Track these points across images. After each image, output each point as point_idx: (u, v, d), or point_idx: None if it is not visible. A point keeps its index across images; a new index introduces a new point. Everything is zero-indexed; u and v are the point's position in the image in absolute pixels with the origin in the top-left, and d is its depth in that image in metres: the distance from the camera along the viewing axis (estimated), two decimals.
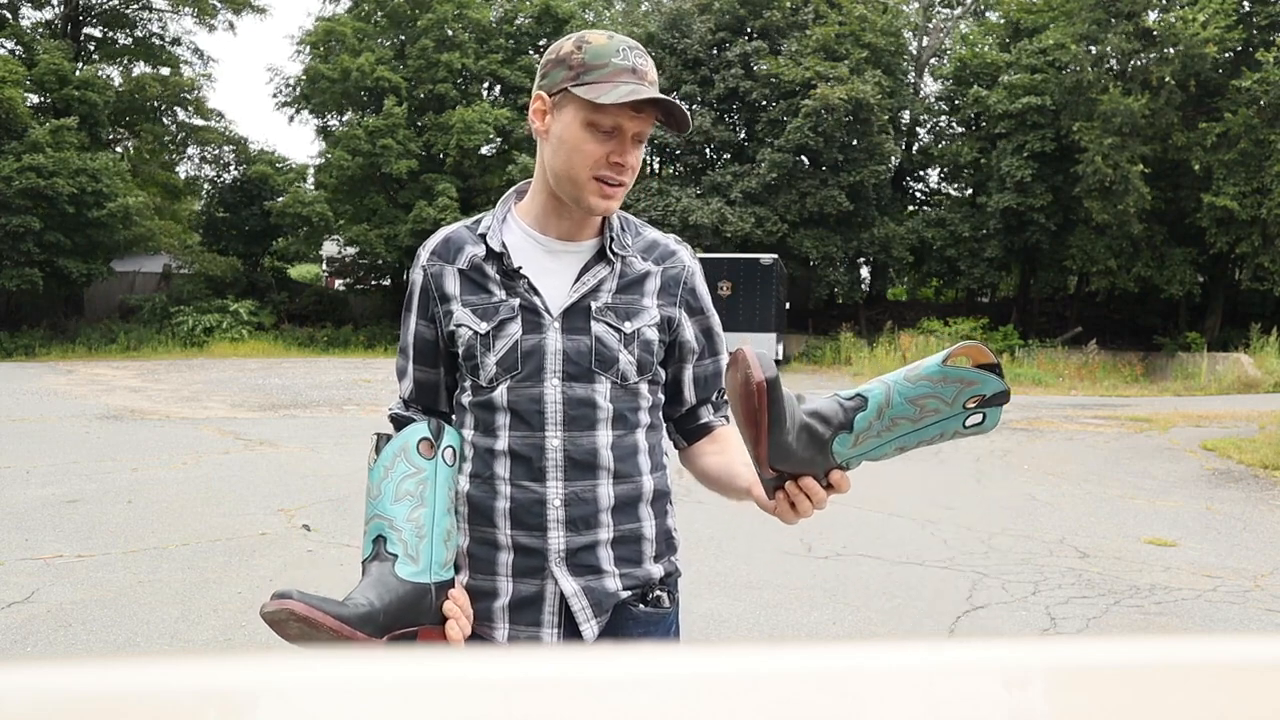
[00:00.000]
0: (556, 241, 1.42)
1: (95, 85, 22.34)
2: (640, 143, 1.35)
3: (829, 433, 1.16)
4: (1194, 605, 4.31)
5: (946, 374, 1.11)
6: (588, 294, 1.39)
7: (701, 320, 1.48)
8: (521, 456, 1.37)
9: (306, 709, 0.44)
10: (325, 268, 30.23)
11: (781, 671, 0.46)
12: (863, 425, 1.15)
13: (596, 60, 1.31)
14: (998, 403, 1.14)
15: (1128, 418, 11.65)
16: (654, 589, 1.43)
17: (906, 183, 26.98)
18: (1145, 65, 20.33)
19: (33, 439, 8.61)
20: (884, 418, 1.15)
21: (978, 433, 1.16)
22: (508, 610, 1.39)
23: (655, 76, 1.35)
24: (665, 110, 1.32)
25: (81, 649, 3.62)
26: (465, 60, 24.96)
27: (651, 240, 1.47)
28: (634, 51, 1.33)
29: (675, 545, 1.49)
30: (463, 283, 1.42)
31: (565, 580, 1.37)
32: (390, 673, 0.45)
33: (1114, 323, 23.63)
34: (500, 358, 1.37)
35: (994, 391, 1.13)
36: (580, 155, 1.32)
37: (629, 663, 0.49)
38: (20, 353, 20.32)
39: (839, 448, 1.17)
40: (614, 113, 1.30)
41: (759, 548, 5.14)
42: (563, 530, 1.37)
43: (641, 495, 1.42)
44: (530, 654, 0.49)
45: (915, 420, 1.14)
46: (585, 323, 1.38)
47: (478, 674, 0.46)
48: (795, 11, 23.08)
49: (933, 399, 1.12)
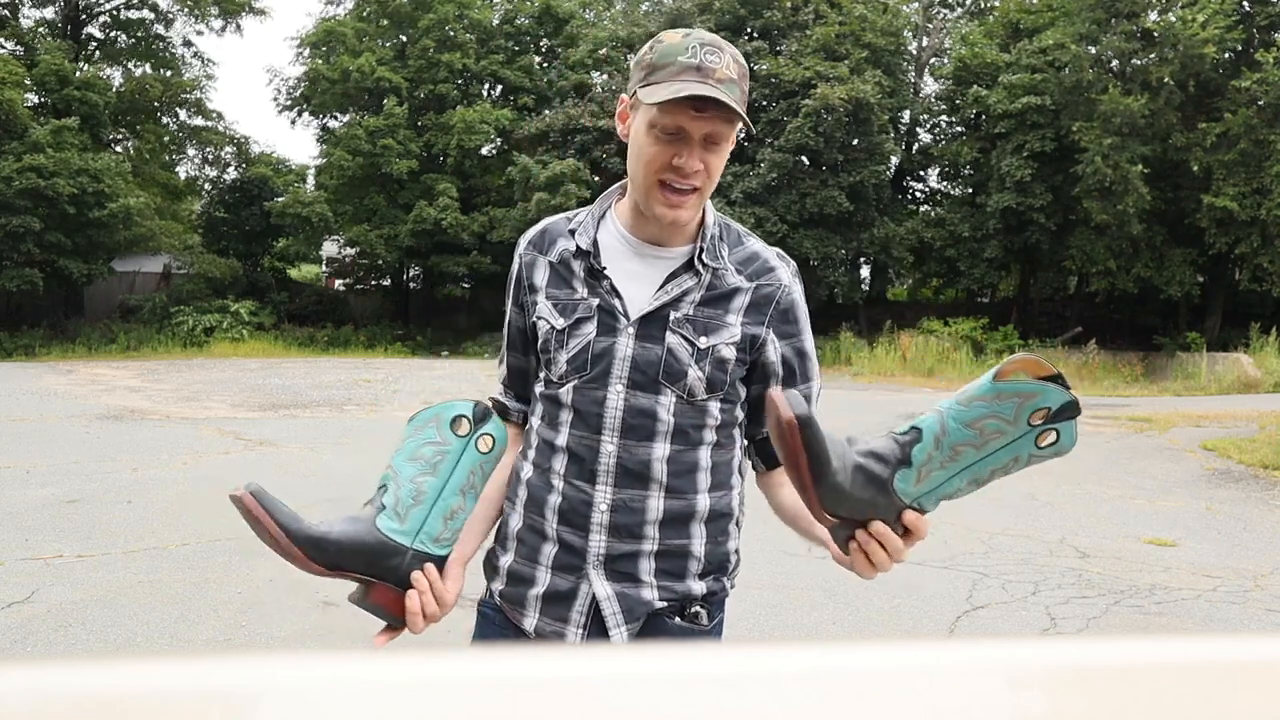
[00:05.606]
0: (647, 245, 1.38)
1: (96, 86, 22.33)
2: (713, 146, 1.28)
3: (887, 471, 1.08)
4: (1194, 605, 4.31)
5: (1000, 390, 1.03)
6: (669, 303, 1.35)
7: (794, 342, 1.42)
8: (577, 456, 1.36)
9: (307, 709, 0.44)
10: (325, 268, 30.22)
11: (781, 671, 0.46)
12: (921, 458, 1.07)
13: (663, 60, 1.26)
14: (1068, 416, 1.04)
15: (1128, 418, 11.65)
16: (693, 605, 1.39)
17: (906, 183, 26.97)
18: (1145, 65, 20.32)
19: (33, 439, 8.61)
20: (943, 447, 1.07)
21: (1056, 454, 1.07)
22: (541, 600, 1.39)
23: (734, 74, 1.26)
24: (720, 105, 1.24)
25: (81, 649, 3.62)
26: (466, 60, 24.96)
27: (752, 253, 1.41)
28: (706, 48, 1.25)
29: (729, 568, 1.45)
30: (551, 275, 1.41)
31: (600, 583, 1.36)
32: (391, 673, 0.45)
33: (1114, 323, 23.62)
34: (571, 356, 1.37)
35: (1060, 404, 1.03)
36: (644, 159, 1.29)
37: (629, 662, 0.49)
38: (20, 353, 20.32)
39: (901, 485, 1.09)
40: (674, 113, 1.24)
41: (759, 548, 5.14)
42: (605, 535, 1.36)
43: (695, 513, 1.38)
44: (530, 654, 0.49)
45: (980, 446, 1.06)
46: (661, 332, 1.35)
47: (478, 674, 0.46)
48: (795, 11, 23.07)
49: (992, 419, 1.04)
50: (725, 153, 1.32)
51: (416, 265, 26.08)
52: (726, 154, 1.32)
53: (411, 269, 26.93)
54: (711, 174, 1.31)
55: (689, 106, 1.24)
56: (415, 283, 27.60)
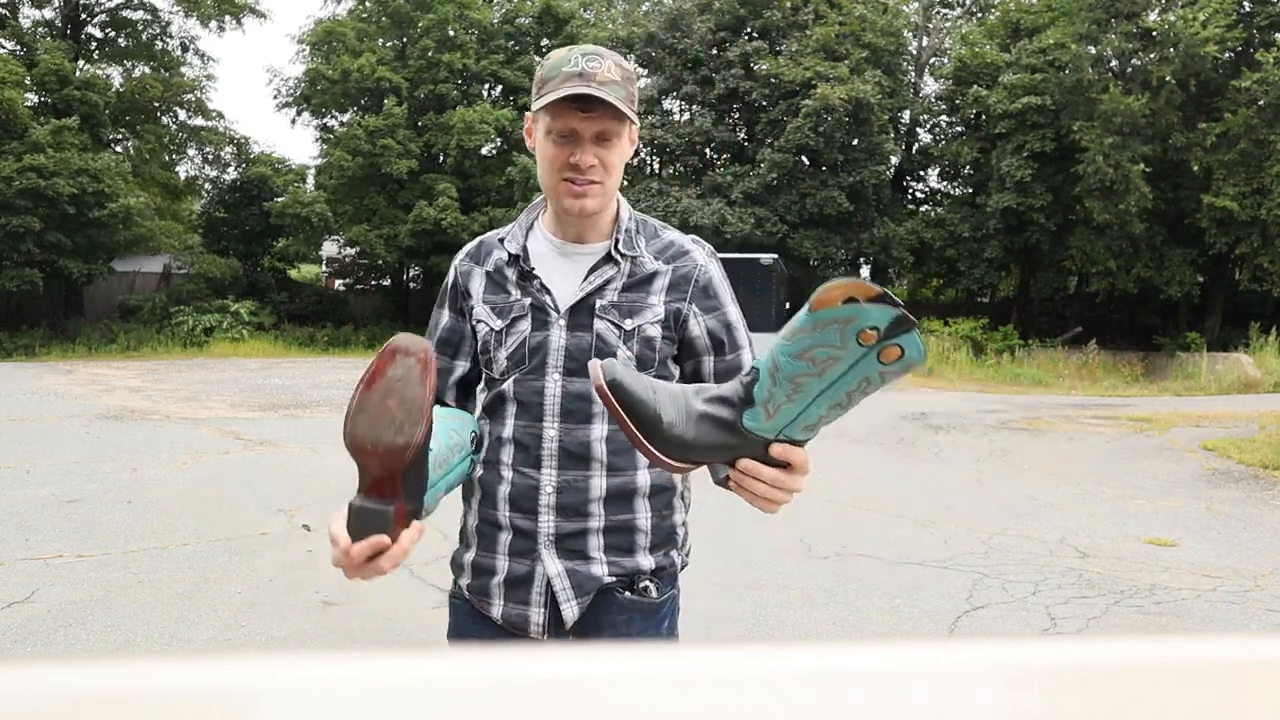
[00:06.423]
0: (570, 244, 1.49)
1: (96, 86, 22.32)
2: (605, 142, 1.39)
3: (733, 413, 1.12)
4: (1194, 605, 4.31)
5: (817, 320, 1.03)
6: (593, 293, 1.45)
7: (718, 315, 1.50)
8: (523, 444, 1.45)
9: (307, 709, 0.44)
10: (325, 268, 30.22)
11: (781, 671, 0.46)
12: (763, 395, 1.10)
13: (550, 73, 1.38)
14: (902, 330, 1.02)
15: (1128, 418, 11.65)
16: (642, 579, 1.48)
17: (906, 183, 26.97)
18: (1145, 65, 20.33)
19: (33, 439, 8.61)
20: (781, 382, 1.08)
21: (906, 368, 1.05)
22: (503, 587, 1.48)
23: (616, 76, 1.37)
24: (604, 104, 1.34)
25: (81, 649, 3.62)
26: (466, 61, 24.96)
27: (667, 241, 1.52)
28: (587, 56, 1.36)
29: (678, 541, 1.54)
30: (487, 283, 1.52)
31: (551, 562, 1.45)
32: (391, 673, 0.45)
33: (1114, 323, 23.63)
34: (510, 352, 1.47)
35: (887, 321, 1.01)
36: (546, 162, 1.41)
37: (629, 662, 0.49)
38: (20, 353, 20.32)
39: (752, 423, 1.12)
40: (564, 116, 1.36)
41: (759, 548, 5.14)
42: (553, 515, 1.44)
43: (637, 489, 1.47)
44: (530, 654, 0.49)
45: (820, 374, 1.06)
46: (589, 320, 1.45)
47: (478, 674, 0.46)
48: (795, 11, 23.07)
49: (820, 348, 1.04)
50: (621, 148, 1.42)
51: (416, 265, 26.07)
52: (623, 150, 1.43)
53: (411, 269, 26.92)
54: (609, 168, 1.41)
55: (576, 109, 1.35)
56: (415, 283, 27.59)
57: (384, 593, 4.09)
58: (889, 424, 10.77)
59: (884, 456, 8.63)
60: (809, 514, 5.77)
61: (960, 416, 11.67)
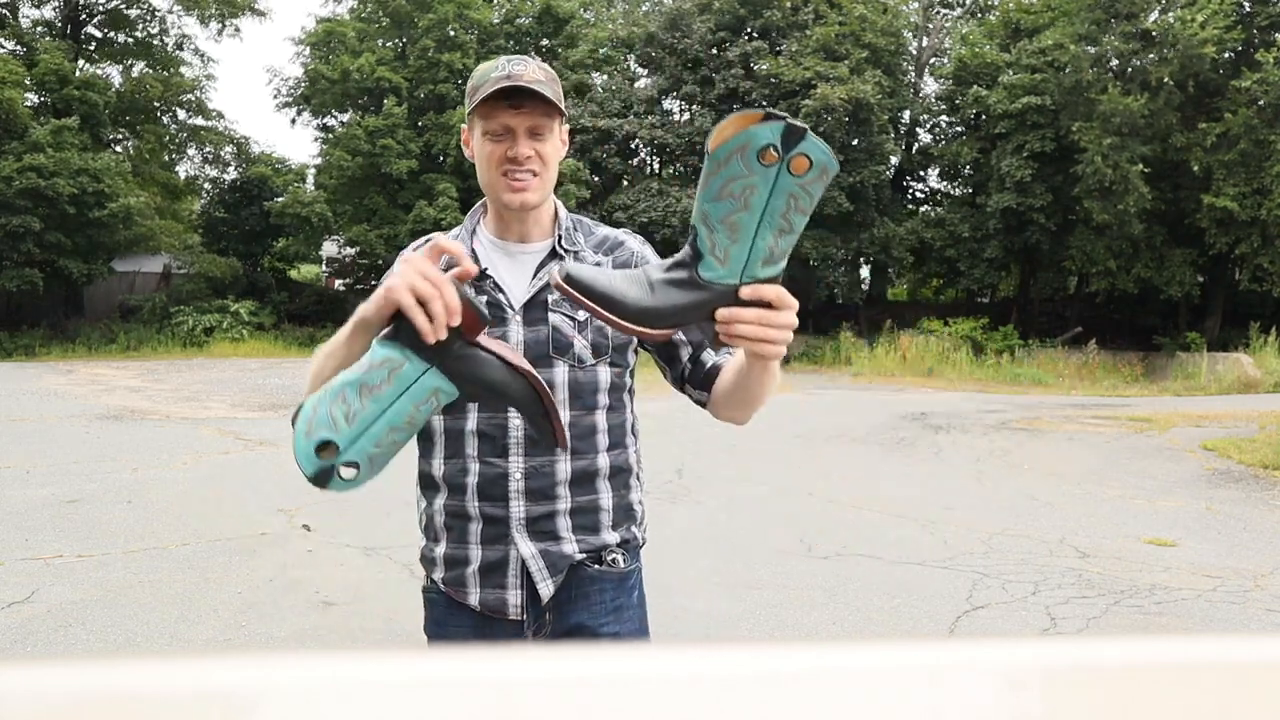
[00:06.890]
0: (514, 244, 1.56)
1: (96, 85, 22.32)
2: (538, 136, 1.45)
3: (689, 272, 1.15)
4: (1194, 605, 4.31)
5: (715, 158, 1.06)
6: (543, 289, 1.52)
7: None
8: (488, 435, 1.51)
9: (307, 709, 0.44)
10: (325, 268, 30.21)
11: (781, 671, 0.46)
12: (707, 245, 1.13)
13: (480, 80, 1.45)
14: (797, 139, 1.04)
15: (1128, 418, 11.65)
16: (610, 552, 1.56)
17: (906, 183, 26.97)
18: (1145, 65, 20.32)
19: (33, 439, 8.62)
20: (715, 226, 1.11)
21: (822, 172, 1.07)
22: (478, 575, 1.53)
23: (542, 77, 1.44)
24: (534, 97, 1.41)
25: (81, 649, 3.62)
26: (466, 61, 24.95)
27: (603, 235, 1.62)
28: (513, 61, 1.45)
29: (636, 516, 1.62)
30: None
31: (524, 544, 1.51)
32: (391, 673, 0.45)
33: (1114, 323, 23.63)
34: None
35: (778, 135, 1.03)
36: (484, 160, 1.48)
37: (629, 662, 0.49)
38: (20, 353, 20.32)
39: (708, 274, 1.14)
40: (496, 114, 1.43)
41: (759, 548, 5.14)
42: (523, 500, 1.51)
43: (598, 470, 1.55)
44: (530, 654, 0.49)
45: (746, 206, 1.08)
46: (543, 314, 1.51)
47: (478, 674, 0.46)
48: (795, 11, 23.07)
49: (732, 182, 1.07)
50: (554, 142, 1.49)
51: None
52: (557, 144, 1.50)
53: None
54: (545, 159, 1.48)
55: (508, 106, 1.42)
56: None
57: (384, 593, 4.09)
58: (889, 424, 10.77)
59: (884, 456, 8.63)
60: (809, 514, 5.77)
61: (960, 416, 11.67)
